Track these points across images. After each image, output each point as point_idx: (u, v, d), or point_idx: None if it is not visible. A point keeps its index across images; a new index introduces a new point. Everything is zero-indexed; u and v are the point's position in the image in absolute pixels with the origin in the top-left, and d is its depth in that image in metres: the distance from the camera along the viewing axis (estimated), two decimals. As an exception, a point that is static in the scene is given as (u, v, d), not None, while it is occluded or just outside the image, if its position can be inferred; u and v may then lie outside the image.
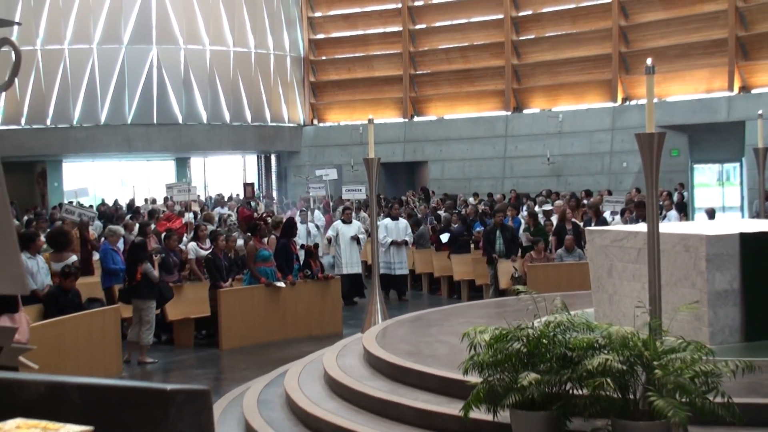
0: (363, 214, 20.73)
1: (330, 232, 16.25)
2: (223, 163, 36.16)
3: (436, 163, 30.89)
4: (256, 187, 32.10)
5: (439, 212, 20.84)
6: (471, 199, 24.81)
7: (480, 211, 18.98)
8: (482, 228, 16.99)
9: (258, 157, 36.01)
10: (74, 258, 12.00)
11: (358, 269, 15.79)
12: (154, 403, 2.06)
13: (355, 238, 15.63)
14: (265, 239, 13.63)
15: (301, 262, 13.93)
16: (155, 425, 2.05)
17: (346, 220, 15.80)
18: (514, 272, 14.84)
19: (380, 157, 11.93)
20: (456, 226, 17.77)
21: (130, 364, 11.61)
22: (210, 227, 14.83)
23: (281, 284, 13.09)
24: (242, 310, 12.70)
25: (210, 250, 13.26)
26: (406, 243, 16.29)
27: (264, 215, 14.29)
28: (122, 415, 2.07)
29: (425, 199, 25.22)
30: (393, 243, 16.15)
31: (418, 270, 17.77)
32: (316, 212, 20.79)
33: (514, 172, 29.30)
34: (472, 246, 17.06)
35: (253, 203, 22.52)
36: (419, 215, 19.95)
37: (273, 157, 35.66)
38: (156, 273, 11.71)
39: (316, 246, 14.78)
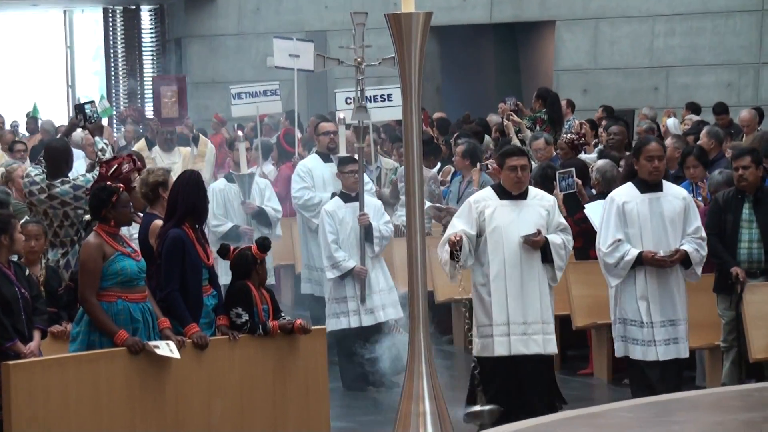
0: (387, 160, 20.74)
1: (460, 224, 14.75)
2: (15, 29, 36.15)
3: (575, 27, 30.06)
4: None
5: (584, 153, 20.38)
6: (670, 122, 24.31)
7: (692, 151, 18.29)
8: (700, 198, 16.83)
9: (106, 15, 35.13)
10: None
11: (551, 340, 14.43)
12: None
13: (538, 242, 14.20)
14: (126, 229, 13.38)
15: (222, 293, 13.55)
16: None
17: (512, 187, 14.30)
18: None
19: (431, 10, 11.36)
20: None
21: None
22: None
23: (169, 351, 12.55)
24: (68, 417, 12.29)
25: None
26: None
27: (119, 165, 13.82)
28: None
29: (551, 122, 23.71)
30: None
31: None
32: (268, 165, 21.13)
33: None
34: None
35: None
36: (534, 161, 19.52)
37: (145, 16, 34.91)
38: None
39: (263, 246, 13.60)
